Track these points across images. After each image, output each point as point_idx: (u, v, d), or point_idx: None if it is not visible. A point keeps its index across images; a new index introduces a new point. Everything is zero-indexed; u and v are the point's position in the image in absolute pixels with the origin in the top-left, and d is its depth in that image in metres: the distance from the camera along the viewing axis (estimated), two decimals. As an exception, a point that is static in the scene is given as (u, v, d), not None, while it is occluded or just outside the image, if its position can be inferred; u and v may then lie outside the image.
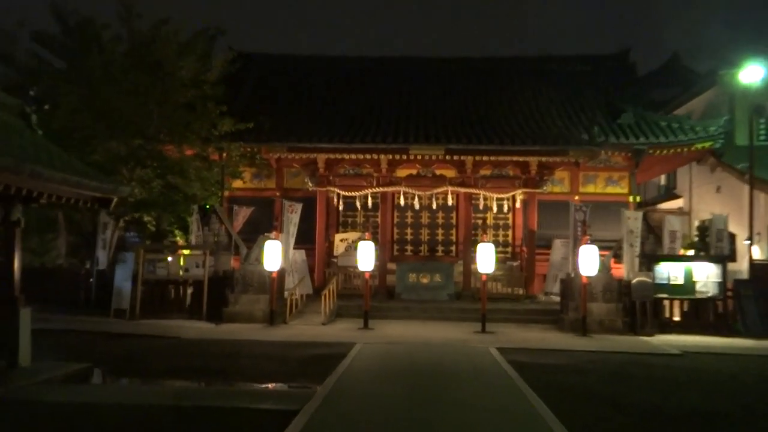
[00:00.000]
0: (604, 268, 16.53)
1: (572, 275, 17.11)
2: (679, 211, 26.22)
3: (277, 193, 22.12)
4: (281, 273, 17.50)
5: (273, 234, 16.47)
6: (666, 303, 17.04)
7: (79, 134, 17.72)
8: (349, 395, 8.63)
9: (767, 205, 21.06)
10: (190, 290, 17.84)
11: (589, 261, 15.61)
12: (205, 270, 17.40)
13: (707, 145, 21.03)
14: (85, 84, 18.01)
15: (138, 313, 17.17)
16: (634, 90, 24.27)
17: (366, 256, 16.23)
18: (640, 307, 16.40)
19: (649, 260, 17.08)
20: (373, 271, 19.68)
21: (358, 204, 21.08)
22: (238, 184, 22.61)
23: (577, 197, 22.34)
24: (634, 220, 17.49)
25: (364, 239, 16.50)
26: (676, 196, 27.25)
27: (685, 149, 21.16)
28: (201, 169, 19.33)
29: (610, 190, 22.70)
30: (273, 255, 16.28)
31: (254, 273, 17.03)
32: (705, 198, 24.82)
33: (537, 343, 14.26)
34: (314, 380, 9.63)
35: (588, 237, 15.88)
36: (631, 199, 22.32)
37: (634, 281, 16.52)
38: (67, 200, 10.13)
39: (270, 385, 9.78)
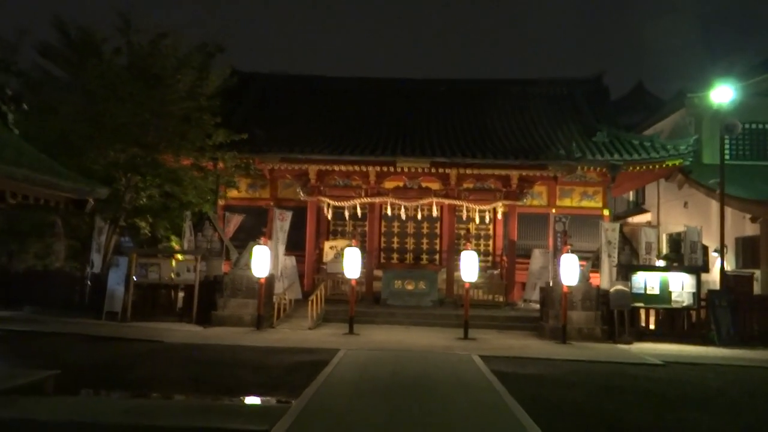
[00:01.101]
0: (584, 277, 15.06)
1: (552, 284, 15.65)
2: (648, 225, 24.89)
3: (271, 203, 20.57)
4: (269, 278, 15.94)
5: (262, 240, 14.91)
6: (642, 312, 15.62)
7: (77, 142, 16.19)
8: (324, 412, 7.08)
9: (732, 219, 19.69)
10: (181, 294, 16.30)
11: (569, 270, 14.14)
12: (196, 274, 15.84)
13: (677, 162, 19.65)
14: (84, 93, 16.48)
15: (129, 315, 15.64)
16: (607, 111, 22.93)
17: (352, 263, 14.69)
18: (618, 315, 14.94)
19: (626, 270, 15.62)
20: (359, 277, 18.16)
21: (347, 213, 19.59)
22: (233, 193, 21.16)
23: (554, 210, 20.99)
24: (611, 231, 16.07)
25: (351, 246, 14.95)
26: (645, 211, 25.91)
27: (657, 166, 19.78)
28: (196, 178, 17.80)
29: (585, 203, 21.32)
30: (261, 261, 14.72)
31: (243, 278, 15.46)
32: (672, 213, 23.48)
33: (519, 351, 12.74)
34: (292, 392, 8.10)
35: (569, 246, 14.42)
36: (605, 212, 20.94)
37: (612, 290, 15.06)
38: (37, 201, 8.56)
39: (244, 398, 8.19)
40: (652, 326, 15.72)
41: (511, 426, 6.87)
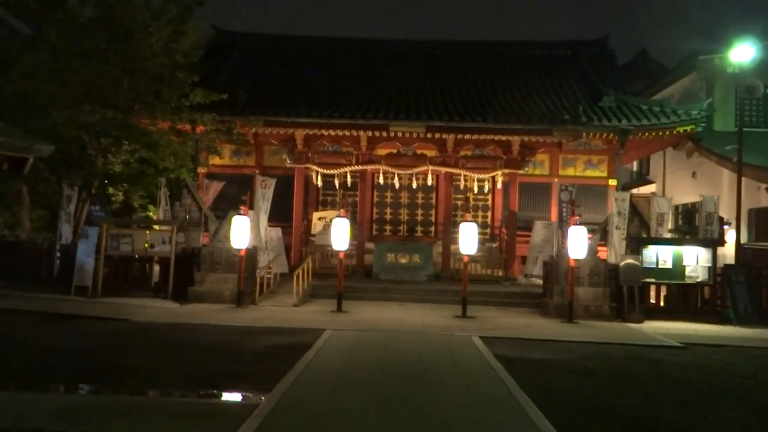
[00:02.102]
0: (591, 251, 13.79)
1: (557, 257, 14.40)
2: (654, 196, 23.61)
3: (256, 171, 19.04)
4: (251, 251, 14.63)
5: (242, 210, 13.53)
6: (652, 288, 14.43)
7: (42, 101, 14.67)
8: (298, 413, 5.81)
9: (746, 190, 18.39)
10: (157, 268, 14.97)
11: (578, 243, 12.86)
12: (172, 246, 14.48)
13: (689, 128, 18.30)
14: (49, 49, 14.89)
15: (100, 291, 14.30)
16: (614, 75, 21.48)
17: (340, 235, 13.35)
18: (627, 292, 13.73)
19: (637, 243, 14.36)
20: (350, 250, 16.93)
21: (336, 182, 18.19)
22: (216, 160, 19.67)
23: (556, 179, 19.66)
24: (621, 201, 14.75)
25: (339, 216, 13.59)
26: (649, 182, 24.59)
27: (666, 132, 18.41)
28: (174, 142, 16.32)
29: (589, 173, 19.98)
30: (241, 232, 13.37)
31: (222, 250, 14.12)
32: (679, 183, 22.18)
33: (523, 331, 11.50)
34: (265, 384, 6.81)
35: (577, 217, 13.12)
36: (611, 182, 19.61)
37: (622, 265, 13.81)
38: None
39: (205, 394, 6.87)
40: (660, 302, 14.55)
41: (524, 428, 5.62)
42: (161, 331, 10.19)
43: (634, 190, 25.24)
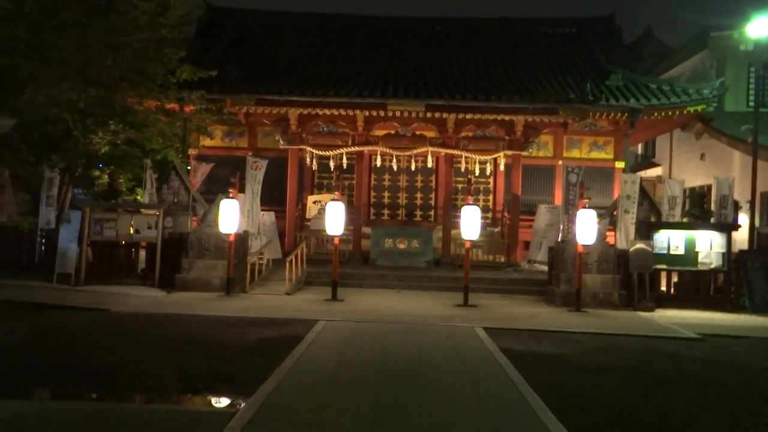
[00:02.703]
0: (600, 236, 13.01)
1: (563, 243, 13.63)
2: (659, 179, 22.82)
3: (250, 153, 18.20)
4: (242, 236, 13.85)
5: (231, 192, 12.72)
6: (662, 275, 13.69)
7: (20, 76, 13.80)
8: (280, 425, 5.03)
9: (763, 173, 17.61)
10: (144, 254, 14.20)
11: (586, 227, 12.06)
12: (158, 231, 13.69)
13: (699, 108, 17.45)
14: (28, 24, 13.98)
15: (83, 278, 13.53)
16: (621, 53, 20.56)
17: (335, 219, 12.53)
18: (638, 279, 12.98)
19: (648, 228, 13.59)
20: (346, 235, 16.20)
21: (332, 164, 17.33)
22: (208, 142, 18.84)
23: (560, 162, 18.84)
24: (631, 184, 13.96)
25: (334, 199, 12.77)
26: (655, 165, 23.78)
27: (676, 112, 17.55)
28: (161, 122, 15.45)
29: (595, 155, 19.14)
30: (230, 216, 12.56)
31: (211, 236, 13.32)
32: (687, 166, 21.35)
33: (529, 322, 10.75)
34: (247, 386, 6.04)
35: (586, 200, 12.33)
36: (617, 164, 18.80)
37: (632, 250, 13.04)
38: None
39: (179, 399, 6.07)
40: (671, 290, 13.83)
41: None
42: (140, 323, 9.41)
43: (642, 174, 24.48)
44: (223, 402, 5.80)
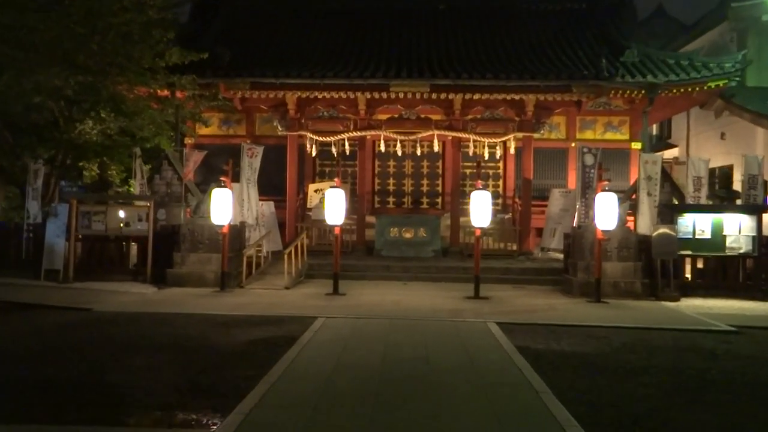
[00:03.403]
0: (621, 220, 12.04)
1: (580, 228, 12.67)
2: (676, 161, 21.76)
3: (248, 141, 17.29)
4: (238, 227, 13.02)
5: (223, 181, 11.84)
6: (687, 262, 12.71)
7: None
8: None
9: (785, 151, 16.56)
10: (135, 248, 13.38)
11: (606, 212, 11.11)
12: (149, 224, 12.86)
13: (721, 83, 16.32)
14: (3, 4, 13.05)
15: (72, 274, 12.75)
16: (634, 28, 19.43)
17: (335, 207, 11.62)
18: (661, 266, 12.01)
19: (671, 211, 12.61)
20: (350, 225, 15.39)
21: (334, 151, 16.40)
22: (205, 130, 17.98)
23: (573, 144, 17.84)
24: (652, 164, 12.95)
25: (334, 187, 11.84)
26: (671, 145, 22.68)
27: (696, 88, 16.43)
28: (151, 109, 14.56)
29: (609, 136, 18.11)
30: (222, 206, 11.69)
31: (204, 228, 12.48)
32: (706, 146, 20.24)
33: (546, 315, 9.85)
34: (227, 401, 5.19)
35: (605, 182, 11.36)
36: (633, 145, 17.78)
37: (655, 235, 12.07)
38: None
39: (142, 419, 5.11)
40: (695, 278, 12.86)
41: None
42: (121, 324, 8.57)
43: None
44: (196, 422, 4.92)
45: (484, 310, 10.13)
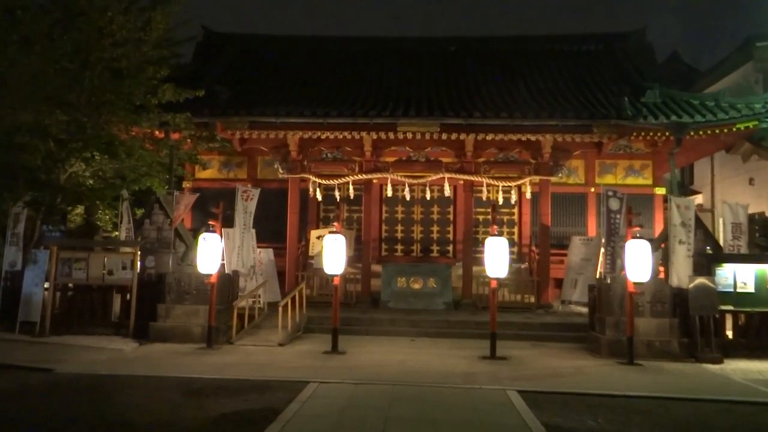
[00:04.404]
0: (654, 271, 10.71)
1: (608, 280, 11.33)
2: (701, 209, 20.43)
3: (248, 184, 16.27)
4: (228, 276, 11.81)
5: (212, 225, 10.70)
6: (728, 318, 11.29)
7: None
8: None
9: (823, 197, 15.28)
10: (119, 298, 12.20)
11: (639, 261, 9.80)
12: (133, 272, 11.71)
13: (750, 125, 15.14)
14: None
15: (49, 327, 11.54)
16: (654, 69, 18.50)
17: (335, 255, 10.38)
18: (700, 322, 10.61)
19: (708, 261, 11.27)
20: (354, 274, 14.20)
21: (338, 195, 15.30)
22: (204, 173, 17.09)
23: (593, 189, 16.69)
24: (685, 209, 11.65)
25: (333, 232, 10.65)
26: (695, 192, 21.40)
27: (724, 130, 15.29)
28: (142, 150, 13.61)
29: (631, 180, 16.91)
30: (210, 253, 10.51)
31: (192, 277, 11.29)
32: (732, 192, 18.96)
33: (575, 381, 8.46)
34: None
35: (636, 228, 10.10)
36: (657, 190, 16.61)
37: (691, 287, 10.69)
38: None
39: None
40: (736, 336, 11.40)
41: None
42: (79, 390, 7.29)
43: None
44: None
45: (502, 373, 8.76)
